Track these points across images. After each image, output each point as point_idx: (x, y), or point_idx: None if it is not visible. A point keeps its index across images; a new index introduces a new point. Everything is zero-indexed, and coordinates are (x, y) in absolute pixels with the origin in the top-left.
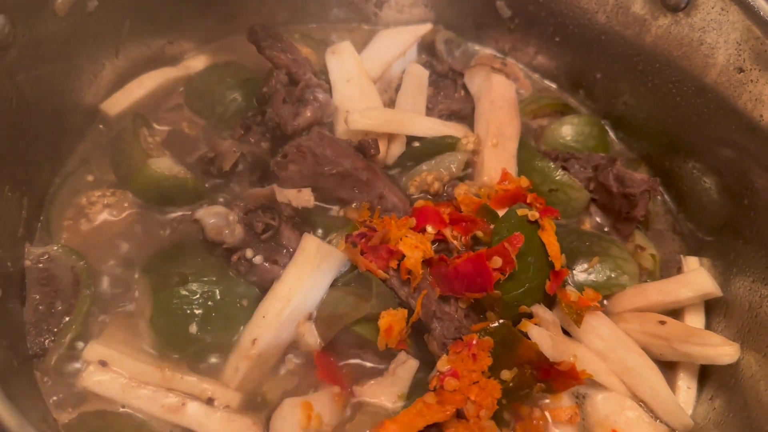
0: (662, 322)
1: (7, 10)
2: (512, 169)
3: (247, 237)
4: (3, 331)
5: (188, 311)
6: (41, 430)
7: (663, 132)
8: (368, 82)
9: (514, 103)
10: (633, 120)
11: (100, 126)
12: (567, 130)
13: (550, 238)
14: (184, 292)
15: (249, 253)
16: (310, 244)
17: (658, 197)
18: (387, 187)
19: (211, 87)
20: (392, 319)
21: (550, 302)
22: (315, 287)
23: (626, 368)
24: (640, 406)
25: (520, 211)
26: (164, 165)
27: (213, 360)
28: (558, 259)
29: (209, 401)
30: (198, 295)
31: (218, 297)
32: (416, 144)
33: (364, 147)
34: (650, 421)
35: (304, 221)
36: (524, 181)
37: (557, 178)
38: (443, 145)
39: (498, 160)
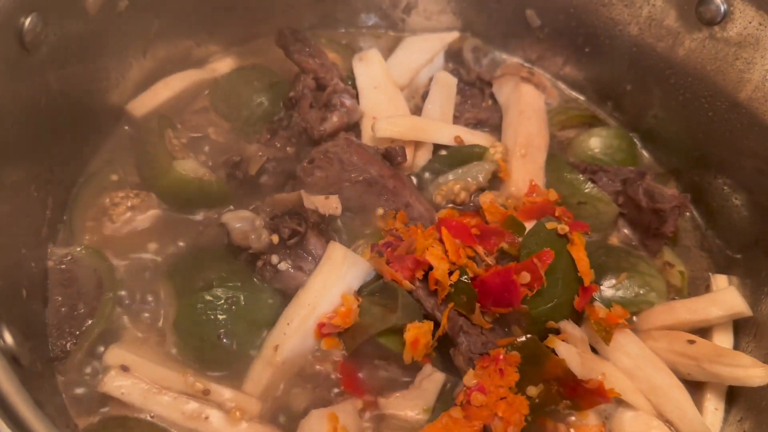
0: (691, 342)
1: (39, 8)
2: (540, 181)
3: (272, 242)
4: (28, 333)
5: (212, 316)
6: None
7: (693, 147)
8: (395, 89)
9: (543, 114)
10: (663, 133)
11: (125, 127)
12: (595, 142)
13: (579, 253)
14: (208, 297)
15: (274, 259)
16: (337, 252)
17: (687, 213)
18: (413, 196)
19: (237, 90)
20: (418, 332)
21: (578, 318)
22: (340, 296)
23: (653, 387)
24: (667, 426)
25: (549, 225)
26: (189, 167)
27: (236, 366)
28: (587, 275)
29: (231, 410)
30: (222, 301)
31: (242, 303)
32: (443, 152)
33: (391, 155)
34: None
35: (329, 228)
36: (553, 195)
37: (586, 191)
38: (471, 155)
39: (526, 171)
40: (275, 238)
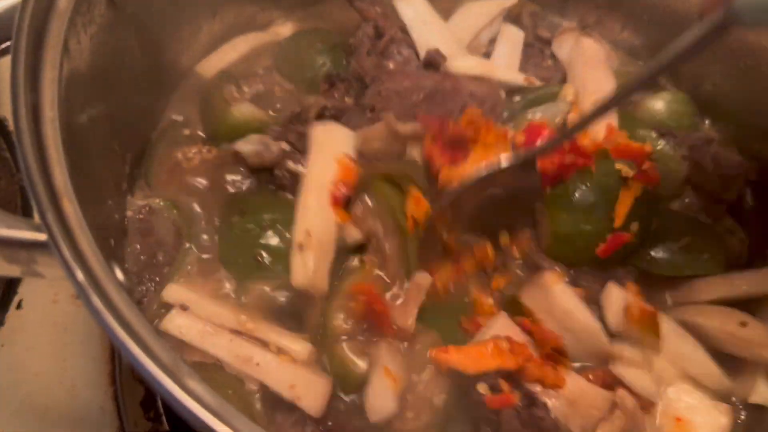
0: (743, 324)
1: None
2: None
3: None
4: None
5: (249, 241)
6: None
7: (753, 114)
8: (444, 24)
9: (606, 63)
10: (722, 102)
11: (195, 85)
12: (661, 107)
13: (626, 198)
14: (249, 225)
15: (290, 164)
16: (317, 131)
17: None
18: (472, 83)
19: (301, 52)
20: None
21: (597, 266)
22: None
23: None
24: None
25: (618, 165)
26: (246, 110)
27: (281, 298)
28: (620, 217)
29: (282, 352)
30: (255, 225)
31: (278, 227)
32: (517, 98)
33: (431, 61)
34: (711, 403)
35: None
36: (648, 147)
37: (659, 147)
38: (544, 96)
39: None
40: (285, 145)
